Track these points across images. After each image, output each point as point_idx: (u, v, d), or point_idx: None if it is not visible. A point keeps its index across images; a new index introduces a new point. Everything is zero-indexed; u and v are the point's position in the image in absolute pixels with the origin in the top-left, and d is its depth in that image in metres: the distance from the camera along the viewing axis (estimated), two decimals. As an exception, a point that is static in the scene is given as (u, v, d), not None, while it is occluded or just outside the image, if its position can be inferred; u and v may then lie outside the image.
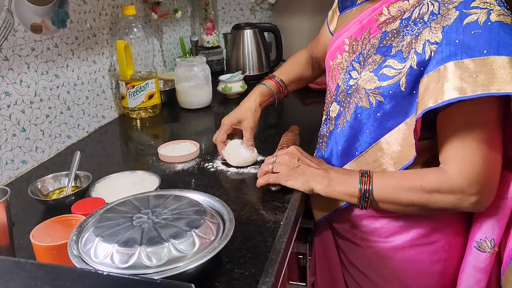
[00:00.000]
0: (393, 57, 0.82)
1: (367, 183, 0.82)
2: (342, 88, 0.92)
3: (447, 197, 0.77)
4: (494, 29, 0.70)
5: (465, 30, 0.72)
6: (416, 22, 0.80)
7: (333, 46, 1.00)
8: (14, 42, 1.05)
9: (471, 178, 0.75)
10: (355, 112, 0.88)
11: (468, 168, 0.75)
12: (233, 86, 1.61)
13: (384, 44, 0.84)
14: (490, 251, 0.83)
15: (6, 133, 1.04)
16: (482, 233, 0.84)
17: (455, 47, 0.72)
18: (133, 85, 1.41)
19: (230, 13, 2.03)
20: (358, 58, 0.90)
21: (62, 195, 0.95)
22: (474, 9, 0.72)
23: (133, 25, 1.42)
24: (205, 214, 0.70)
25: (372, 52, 0.86)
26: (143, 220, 0.69)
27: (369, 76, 0.84)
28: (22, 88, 1.08)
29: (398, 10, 0.86)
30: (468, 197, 0.76)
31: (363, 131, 0.87)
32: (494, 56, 0.69)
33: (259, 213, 0.86)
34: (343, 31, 0.98)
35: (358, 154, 0.89)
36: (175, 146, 1.17)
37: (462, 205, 0.77)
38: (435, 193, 0.78)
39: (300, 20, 1.88)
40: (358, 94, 0.87)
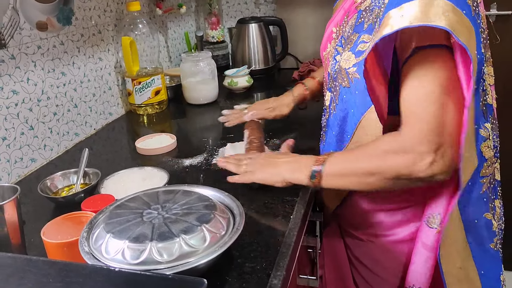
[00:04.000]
0: (365, 32, 0.82)
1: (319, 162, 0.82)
2: (331, 74, 0.92)
3: (399, 158, 0.72)
4: None
5: None
6: None
7: (324, 37, 1.00)
8: (20, 40, 1.05)
9: (422, 135, 0.70)
10: (340, 94, 0.88)
11: (418, 122, 0.71)
12: (239, 81, 1.60)
13: (359, 22, 0.85)
14: (437, 227, 0.80)
15: (15, 132, 1.05)
16: (432, 208, 0.81)
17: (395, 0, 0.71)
18: (139, 82, 1.41)
19: (235, 7, 2.02)
20: (341, 41, 0.90)
21: (71, 192, 0.95)
22: None
23: (138, 21, 1.41)
24: (215, 209, 0.70)
25: (350, 32, 0.87)
26: (153, 215, 0.69)
27: (348, 55, 0.85)
28: (29, 87, 1.08)
29: None
30: (420, 156, 0.71)
31: (349, 112, 0.87)
32: None
33: (269, 207, 0.86)
34: (331, 20, 0.98)
35: (349, 138, 0.89)
36: (153, 138, 1.21)
37: (417, 166, 0.71)
38: (387, 155, 0.74)
39: (305, 12, 1.86)
40: (341, 75, 0.87)
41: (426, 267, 0.83)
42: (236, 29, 1.78)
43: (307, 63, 1.74)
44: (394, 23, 0.69)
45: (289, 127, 1.25)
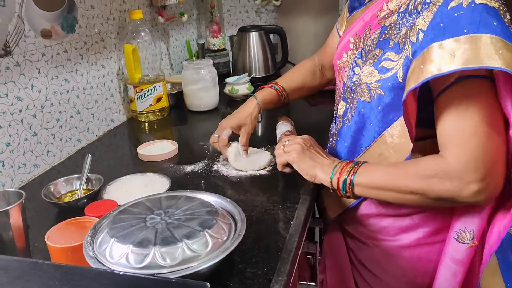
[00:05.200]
0: (391, 50, 0.82)
1: (350, 173, 0.83)
2: (348, 85, 0.93)
3: (444, 183, 0.74)
4: (477, 10, 0.69)
5: (449, 13, 0.72)
6: (411, 13, 0.80)
7: (340, 46, 1.01)
8: (25, 48, 1.06)
9: (469, 164, 0.71)
10: (358, 107, 0.89)
11: (464, 152, 0.72)
12: (239, 88, 1.62)
13: (383, 38, 0.85)
14: (469, 242, 0.81)
15: (19, 138, 1.06)
16: (462, 223, 0.83)
17: (439, 30, 0.72)
18: (141, 89, 1.42)
19: (236, 16, 2.04)
20: (360, 54, 0.91)
21: (74, 198, 0.96)
22: None
23: (140, 29, 1.43)
24: (217, 215, 0.71)
25: (372, 47, 0.87)
26: (156, 220, 0.70)
27: (370, 70, 0.85)
28: (33, 93, 1.10)
29: (396, 5, 0.87)
30: (467, 184, 0.72)
31: (367, 126, 0.88)
32: (474, 34, 0.68)
33: (270, 213, 0.87)
34: (349, 30, 0.99)
35: (363, 150, 0.90)
36: (154, 145, 1.22)
37: (463, 193, 0.73)
38: (433, 178, 0.75)
39: (305, 21, 1.89)
40: (360, 89, 0.88)
41: (454, 281, 0.85)
42: (237, 37, 1.80)
43: (306, 71, 1.75)
44: (443, 64, 0.69)
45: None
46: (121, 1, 1.45)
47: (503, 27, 0.68)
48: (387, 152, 0.85)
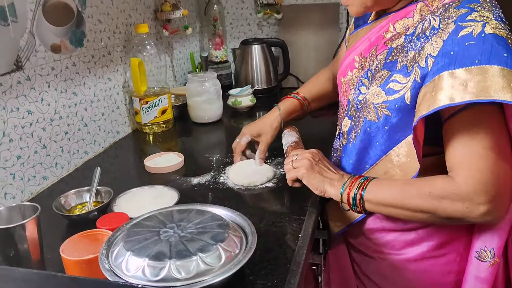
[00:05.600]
0: (398, 72, 0.84)
1: (360, 188, 0.85)
2: (353, 103, 0.96)
3: (455, 204, 0.77)
4: (487, 40, 0.72)
5: (460, 42, 0.74)
6: (419, 37, 0.82)
7: (344, 63, 1.03)
8: (35, 62, 1.09)
9: (479, 186, 0.74)
10: (364, 126, 0.91)
11: (475, 175, 0.75)
12: (242, 100, 1.65)
13: (390, 60, 0.87)
14: (490, 261, 0.84)
15: (29, 150, 1.08)
16: (482, 242, 0.85)
17: (450, 58, 0.74)
18: (147, 101, 1.45)
19: (238, 28, 2.07)
20: (367, 74, 0.93)
21: (84, 210, 0.98)
22: (470, 21, 0.75)
23: (146, 42, 1.46)
24: (228, 228, 0.73)
25: (379, 68, 0.90)
26: (169, 234, 0.72)
27: (377, 90, 0.87)
28: (43, 107, 1.12)
29: (403, 27, 0.89)
30: (477, 206, 0.75)
31: (373, 144, 0.90)
32: (485, 66, 0.71)
33: (277, 225, 0.89)
34: (353, 48, 1.01)
35: (368, 167, 0.92)
36: (161, 157, 1.24)
37: (472, 214, 0.76)
38: (443, 199, 0.78)
39: (306, 34, 1.92)
40: (367, 109, 0.90)
41: None
42: (240, 49, 1.83)
43: (308, 83, 1.78)
44: (456, 94, 0.72)
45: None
46: (127, 15, 1.48)
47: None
48: (392, 171, 0.88)
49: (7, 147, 1.02)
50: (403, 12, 0.89)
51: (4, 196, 1.02)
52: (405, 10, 0.89)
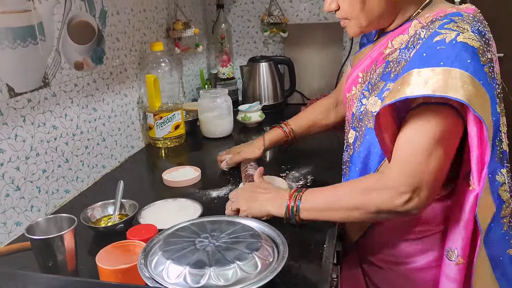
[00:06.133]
0: (391, 81, 0.90)
1: (296, 199, 0.91)
2: (356, 115, 1.01)
3: (380, 194, 0.82)
4: (456, 47, 0.78)
5: (432, 46, 0.80)
6: (409, 48, 0.89)
7: (349, 80, 1.09)
8: (60, 79, 1.12)
9: (403, 177, 0.80)
10: (365, 134, 0.96)
11: (402, 166, 0.81)
12: (252, 116, 1.69)
13: (386, 71, 0.94)
14: (455, 260, 0.88)
15: (53, 164, 1.11)
16: (450, 242, 0.90)
17: (421, 59, 0.81)
18: (161, 116, 1.49)
19: (244, 46, 2.13)
20: (367, 87, 0.99)
21: (110, 222, 1.01)
22: (446, 30, 0.81)
23: (160, 60, 1.50)
24: (260, 238, 0.77)
25: (377, 80, 0.96)
26: (205, 243, 0.75)
27: (374, 100, 0.94)
28: (67, 122, 1.15)
29: (399, 43, 0.95)
30: (400, 194, 0.80)
31: (372, 151, 0.95)
32: (448, 68, 0.77)
33: (301, 235, 0.92)
34: (357, 66, 1.07)
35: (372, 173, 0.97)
36: (178, 171, 1.28)
37: (396, 202, 0.81)
38: (371, 192, 0.83)
39: (311, 52, 1.99)
40: (367, 117, 0.96)
41: None
42: (248, 67, 1.89)
43: (315, 100, 1.84)
44: (416, 88, 0.77)
45: (306, 160, 1.33)
46: (142, 34, 1.52)
47: (476, 65, 0.77)
48: None
49: (34, 161, 1.05)
50: (400, 30, 0.96)
51: (30, 209, 1.04)
52: (402, 28, 0.95)
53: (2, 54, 0.94)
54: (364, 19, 0.94)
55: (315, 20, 2.02)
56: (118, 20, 1.38)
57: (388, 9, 0.93)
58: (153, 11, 1.60)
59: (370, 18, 0.94)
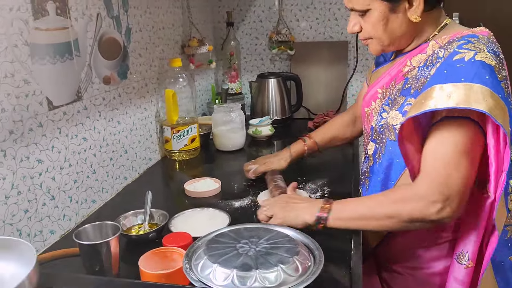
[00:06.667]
0: (412, 96, 0.98)
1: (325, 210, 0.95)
2: (376, 128, 1.07)
3: (413, 203, 0.88)
4: (475, 65, 0.86)
5: (453, 64, 0.88)
6: (428, 66, 0.97)
7: (368, 95, 1.15)
8: (91, 92, 1.17)
9: (434, 187, 0.85)
10: (387, 146, 1.03)
11: (432, 177, 0.86)
12: (263, 130, 1.75)
13: (406, 87, 1.01)
14: (465, 263, 0.94)
15: (83, 175, 1.15)
16: (461, 246, 0.96)
17: (442, 75, 0.88)
18: (178, 130, 1.53)
19: (251, 63, 2.20)
20: (387, 102, 1.06)
21: (141, 231, 1.05)
22: (464, 49, 0.89)
23: (178, 75, 1.56)
24: (297, 243, 0.82)
25: (397, 95, 1.03)
26: (246, 249, 0.80)
27: (395, 114, 1.00)
28: (95, 134, 1.20)
29: (418, 61, 1.03)
30: (432, 203, 0.85)
31: (394, 162, 1.02)
32: (469, 83, 0.84)
33: (327, 242, 0.96)
34: (376, 83, 1.14)
35: (393, 183, 1.03)
36: (199, 182, 1.33)
37: (429, 211, 0.86)
38: (404, 202, 0.89)
39: (317, 70, 2.06)
40: (388, 130, 1.02)
41: None
42: (257, 82, 1.95)
43: (321, 115, 1.91)
44: (440, 102, 0.84)
45: (320, 172, 1.39)
46: (161, 50, 1.58)
47: (494, 81, 0.84)
48: None
49: (67, 172, 1.09)
50: (418, 50, 1.03)
51: (62, 218, 1.08)
52: (420, 48, 1.03)
53: (44, 69, 0.99)
54: (386, 39, 1.01)
55: (321, 38, 2.10)
56: (141, 36, 1.43)
57: (408, 30, 1.00)
58: (170, 28, 1.66)
59: (391, 38, 1.01)
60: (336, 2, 2.05)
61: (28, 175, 0.96)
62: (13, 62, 0.90)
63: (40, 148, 0.99)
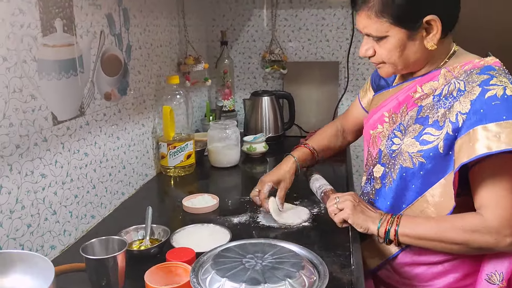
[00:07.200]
0: (431, 126, 1.01)
1: (393, 224, 0.99)
2: (385, 152, 1.10)
3: (485, 237, 0.92)
4: (510, 101, 0.90)
5: (487, 102, 0.92)
6: (447, 97, 1.00)
7: (373, 118, 1.18)
8: (93, 108, 1.18)
9: (505, 221, 0.90)
10: (400, 172, 1.05)
11: (501, 212, 0.91)
12: (257, 147, 1.78)
13: (421, 115, 1.04)
14: (499, 284, 0.97)
15: (83, 190, 1.15)
16: (492, 266, 0.99)
17: (480, 115, 0.91)
18: (175, 146, 1.55)
19: (245, 81, 2.24)
20: (399, 127, 1.08)
21: (143, 246, 1.05)
22: (493, 85, 0.93)
23: (176, 92, 1.58)
24: (302, 258, 0.84)
25: (411, 122, 1.06)
26: (252, 263, 0.82)
27: (411, 141, 1.03)
28: (96, 149, 1.21)
29: (430, 88, 1.06)
30: (504, 237, 0.91)
31: (409, 187, 1.04)
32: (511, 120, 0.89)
33: (326, 260, 0.99)
34: (382, 106, 1.17)
35: (405, 207, 1.06)
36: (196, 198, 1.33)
37: (500, 244, 0.92)
38: (474, 233, 0.93)
39: (309, 89, 2.11)
40: (402, 157, 1.04)
41: None
42: (251, 100, 1.99)
43: (313, 132, 1.94)
44: (492, 144, 0.88)
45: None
46: (158, 67, 1.61)
47: None
48: (428, 210, 1.01)
49: (68, 187, 1.09)
50: (429, 77, 1.06)
51: (63, 233, 1.08)
52: (431, 74, 1.06)
53: (50, 85, 1.00)
54: (401, 64, 1.04)
55: (313, 58, 2.16)
56: (140, 54, 1.46)
57: (422, 57, 1.03)
58: (168, 46, 1.69)
59: (405, 63, 1.04)
60: (327, 24, 2.11)
61: (32, 189, 0.96)
62: (22, 77, 0.91)
63: (44, 163, 1.00)
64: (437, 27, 0.97)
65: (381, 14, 0.98)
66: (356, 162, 2.25)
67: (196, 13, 2.04)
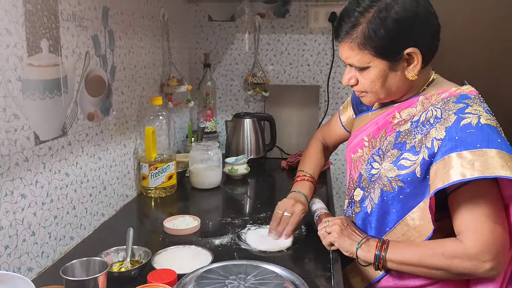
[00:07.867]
0: (408, 151, 1.04)
1: (381, 249, 1.01)
2: (365, 176, 1.13)
3: (465, 263, 0.94)
4: (484, 129, 0.94)
5: (462, 129, 0.95)
6: (424, 123, 1.03)
7: (353, 142, 1.22)
8: (76, 128, 1.18)
9: (484, 247, 0.93)
10: (381, 195, 1.07)
11: (479, 238, 0.93)
12: (239, 168, 1.79)
13: (399, 141, 1.07)
14: None
15: (63, 211, 1.14)
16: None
17: (455, 142, 0.95)
18: (156, 167, 1.55)
19: (226, 103, 2.26)
20: (378, 152, 1.11)
21: (123, 268, 1.04)
22: (468, 114, 0.97)
23: (158, 113, 1.59)
24: (284, 280, 0.85)
25: (390, 147, 1.09)
26: (235, 284, 0.82)
27: (390, 166, 1.06)
28: (77, 170, 1.20)
29: (408, 115, 1.10)
30: (483, 263, 0.93)
31: (390, 211, 1.07)
32: (485, 149, 0.92)
33: (308, 281, 1.00)
34: (362, 130, 1.20)
35: (388, 230, 1.08)
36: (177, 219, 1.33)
37: (479, 270, 0.93)
38: (455, 258, 0.95)
39: (290, 111, 2.15)
40: (382, 181, 1.07)
41: None
42: (233, 122, 2.01)
43: (295, 155, 1.97)
44: (466, 171, 0.90)
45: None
46: (142, 88, 1.62)
47: (503, 143, 0.93)
48: (409, 233, 1.04)
49: (48, 207, 1.08)
50: (407, 103, 1.10)
51: (41, 255, 1.06)
52: (409, 101, 1.10)
53: (33, 104, 1.00)
54: (383, 94, 1.08)
55: (294, 82, 2.20)
56: (124, 75, 1.46)
57: (404, 86, 1.07)
58: (151, 67, 1.70)
59: (388, 93, 1.08)
60: (308, 49, 2.17)
61: (11, 210, 0.95)
62: (6, 96, 0.91)
63: (25, 183, 0.99)
64: (417, 59, 1.01)
65: (363, 46, 1.01)
66: (336, 184, 2.28)
67: (180, 36, 2.07)
